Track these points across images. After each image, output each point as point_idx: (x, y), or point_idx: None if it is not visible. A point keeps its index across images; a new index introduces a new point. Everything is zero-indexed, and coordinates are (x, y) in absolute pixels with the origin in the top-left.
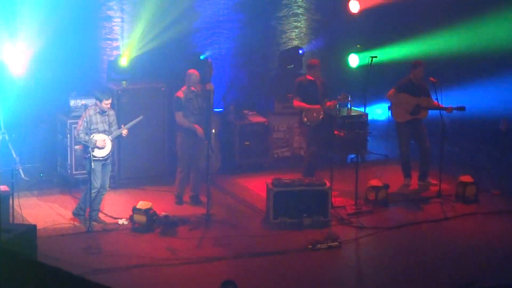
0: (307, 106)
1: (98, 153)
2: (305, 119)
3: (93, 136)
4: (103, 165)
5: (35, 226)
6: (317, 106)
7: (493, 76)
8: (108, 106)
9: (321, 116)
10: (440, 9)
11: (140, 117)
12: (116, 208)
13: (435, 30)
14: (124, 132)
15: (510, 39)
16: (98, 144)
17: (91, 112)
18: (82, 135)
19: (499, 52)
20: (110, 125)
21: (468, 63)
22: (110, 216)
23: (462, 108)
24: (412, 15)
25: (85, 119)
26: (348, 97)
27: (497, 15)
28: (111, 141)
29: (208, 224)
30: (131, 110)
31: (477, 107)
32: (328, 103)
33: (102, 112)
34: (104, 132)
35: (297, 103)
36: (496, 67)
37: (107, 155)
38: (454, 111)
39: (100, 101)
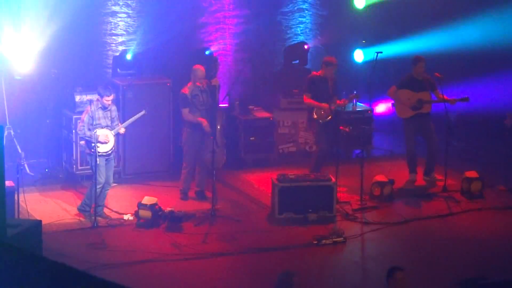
0: (317, 103)
1: (101, 148)
2: (315, 116)
3: (96, 132)
4: (106, 160)
5: (40, 221)
6: (326, 105)
7: (498, 71)
8: (110, 102)
9: (329, 117)
10: (445, 4)
11: (143, 112)
12: (122, 203)
13: (440, 25)
14: (122, 130)
15: None
16: (101, 139)
17: (93, 107)
18: (85, 131)
19: (505, 47)
20: (112, 121)
21: (473, 58)
22: (116, 212)
23: (466, 99)
24: (417, 10)
25: (88, 114)
26: (358, 96)
27: (503, 10)
28: (114, 136)
29: (213, 219)
30: (136, 106)
31: (482, 102)
32: (338, 101)
33: (104, 108)
34: (106, 127)
35: (307, 99)
36: (501, 62)
37: (110, 150)
38: (458, 102)
39: (102, 97)
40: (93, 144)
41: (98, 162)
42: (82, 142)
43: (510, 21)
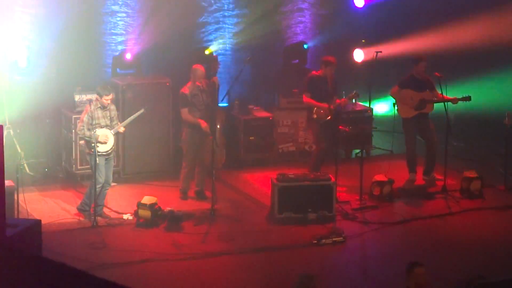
0: (317, 103)
1: (101, 148)
2: (315, 115)
3: (96, 131)
4: (106, 159)
5: (40, 221)
6: (326, 105)
7: (498, 70)
8: (109, 102)
9: (329, 117)
10: (445, 3)
11: (142, 110)
12: (121, 203)
13: (439, 25)
14: (121, 129)
15: None
16: (101, 139)
17: (93, 107)
18: (85, 131)
19: (504, 47)
20: (111, 120)
21: (473, 58)
22: (115, 211)
23: (467, 98)
24: (417, 10)
25: (87, 114)
26: (358, 95)
27: (502, 9)
28: (113, 135)
29: (213, 219)
30: (135, 105)
31: (482, 102)
32: (338, 101)
33: (103, 108)
34: (106, 127)
35: (307, 99)
36: (501, 61)
37: (109, 150)
38: (460, 101)
39: (101, 97)
40: (92, 144)
41: (97, 162)
42: (82, 142)
43: (509, 21)
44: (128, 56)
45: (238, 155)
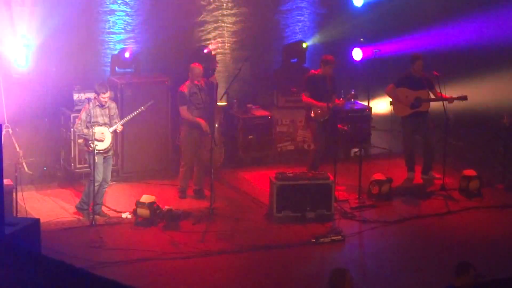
0: (316, 102)
1: (98, 146)
2: (313, 114)
3: (93, 129)
4: (104, 158)
5: (38, 219)
6: (324, 105)
7: (496, 70)
8: (106, 100)
9: (327, 117)
10: (443, 2)
11: (141, 109)
12: (120, 201)
13: (438, 24)
14: (119, 128)
15: None
16: (97, 137)
17: (91, 106)
18: (80, 128)
19: (502, 46)
20: (111, 118)
21: (471, 57)
22: (114, 210)
23: (464, 97)
24: (416, 9)
25: (86, 112)
26: (356, 96)
27: (501, 9)
28: (111, 133)
29: (211, 218)
30: (134, 104)
31: (480, 101)
32: (337, 101)
33: (101, 106)
34: (104, 125)
35: (306, 98)
36: (499, 60)
37: (107, 148)
38: (456, 100)
39: (98, 95)
40: (90, 142)
41: (96, 160)
42: (81, 141)
43: (508, 20)
44: (127, 54)
45: (236, 154)
